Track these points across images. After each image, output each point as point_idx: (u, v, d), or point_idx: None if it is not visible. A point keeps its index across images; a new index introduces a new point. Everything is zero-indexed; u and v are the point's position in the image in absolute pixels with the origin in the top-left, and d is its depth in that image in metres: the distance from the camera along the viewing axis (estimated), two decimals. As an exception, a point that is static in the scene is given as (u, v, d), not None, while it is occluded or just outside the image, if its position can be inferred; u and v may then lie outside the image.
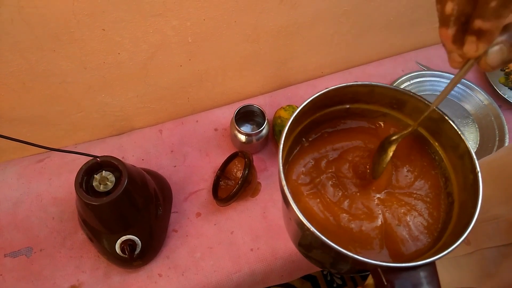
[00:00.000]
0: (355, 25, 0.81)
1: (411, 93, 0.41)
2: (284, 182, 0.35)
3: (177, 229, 0.73)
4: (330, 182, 0.43)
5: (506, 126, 0.83)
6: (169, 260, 0.70)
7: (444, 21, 0.27)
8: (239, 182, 0.67)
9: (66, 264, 0.69)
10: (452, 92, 0.90)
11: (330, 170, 0.44)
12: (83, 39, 0.60)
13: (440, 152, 0.42)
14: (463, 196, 0.38)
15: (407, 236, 0.39)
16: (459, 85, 0.89)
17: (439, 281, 0.31)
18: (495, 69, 0.28)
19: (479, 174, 0.35)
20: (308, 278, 1.14)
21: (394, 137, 0.40)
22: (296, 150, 0.45)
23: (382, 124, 0.46)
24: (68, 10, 0.55)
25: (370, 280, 0.32)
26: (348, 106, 0.45)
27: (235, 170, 0.75)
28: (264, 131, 0.76)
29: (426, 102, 0.40)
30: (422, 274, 0.31)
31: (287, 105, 0.80)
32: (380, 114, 0.46)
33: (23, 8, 0.53)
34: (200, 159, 0.80)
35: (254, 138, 0.76)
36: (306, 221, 0.32)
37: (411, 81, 0.89)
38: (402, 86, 0.88)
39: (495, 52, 0.26)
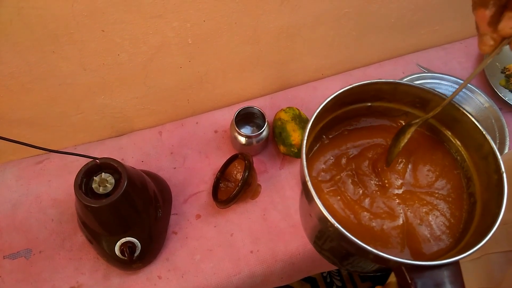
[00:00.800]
0: (355, 27, 0.81)
1: (435, 92, 0.40)
2: (307, 178, 0.34)
3: (177, 231, 0.73)
4: (350, 179, 0.43)
5: (506, 129, 0.83)
6: (168, 262, 0.69)
7: (483, 2, 0.27)
8: (239, 184, 0.67)
9: (65, 266, 0.68)
10: (453, 94, 0.90)
11: (350, 167, 0.43)
12: (83, 41, 0.60)
13: (462, 152, 0.42)
14: (486, 196, 0.38)
15: (428, 235, 0.39)
16: (459, 87, 0.89)
17: (463, 282, 0.31)
18: None
19: (504, 174, 0.35)
20: (308, 280, 1.14)
21: (415, 121, 0.40)
22: (316, 147, 0.45)
23: (404, 123, 0.46)
24: (68, 11, 0.55)
25: (392, 278, 0.31)
26: (369, 104, 0.45)
27: (235, 172, 0.75)
28: (264, 133, 0.75)
29: (451, 100, 0.39)
30: (446, 273, 0.31)
31: (288, 107, 0.80)
32: (402, 113, 0.45)
33: (22, 9, 0.52)
34: (200, 161, 0.80)
35: (254, 140, 0.75)
36: (330, 217, 0.32)
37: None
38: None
39: None
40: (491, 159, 0.37)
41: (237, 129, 0.74)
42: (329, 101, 0.40)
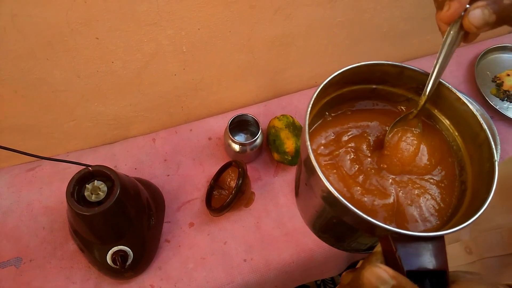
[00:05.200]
0: (348, 36, 0.82)
1: (441, 81, 0.42)
2: (308, 143, 0.35)
3: (170, 239, 0.72)
4: (348, 156, 0.44)
5: (498, 137, 0.84)
6: (161, 271, 0.69)
7: (439, 4, 0.32)
8: (233, 192, 0.66)
9: (56, 275, 0.67)
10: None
11: (350, 145, 0.45)
12: (77, 48, 0.60)
13: (458, 141, 0.44)
14: (477, 184, 0.39)
15: (417, 216, 0.40)
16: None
17: (446, 258, 0.32)
18: (480, 30, 0.31)
19: (496, 163, 0.36)
20: (301, 288, 1.13)
21: (412, 115, 0.42)
22: (318, 123, 0.46)
23: (404, 109, 0.47)
24: (62, 19, 0.55)
25: (378, 248, 0.32)
26: (374, 86, 0.46)
27: (228, 180, 0.75)
28: (258, 141, 0.76)
29: (453, 90, 0.41)
30: (430, 246, 0.32)
31: (281, 115, 0.80)
32: (405, 99, 0.47)
33: (16, 16, 0.52)
34: (194, 168, 0.80)
35: (248, 148, 0.75)
36: (326, 181, 0.32)
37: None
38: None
39: (477, 13, 0.30)
40: (485, 147, 0.39)
41: (231, 136, 0.74)
42: (335, 76, 0.41)
